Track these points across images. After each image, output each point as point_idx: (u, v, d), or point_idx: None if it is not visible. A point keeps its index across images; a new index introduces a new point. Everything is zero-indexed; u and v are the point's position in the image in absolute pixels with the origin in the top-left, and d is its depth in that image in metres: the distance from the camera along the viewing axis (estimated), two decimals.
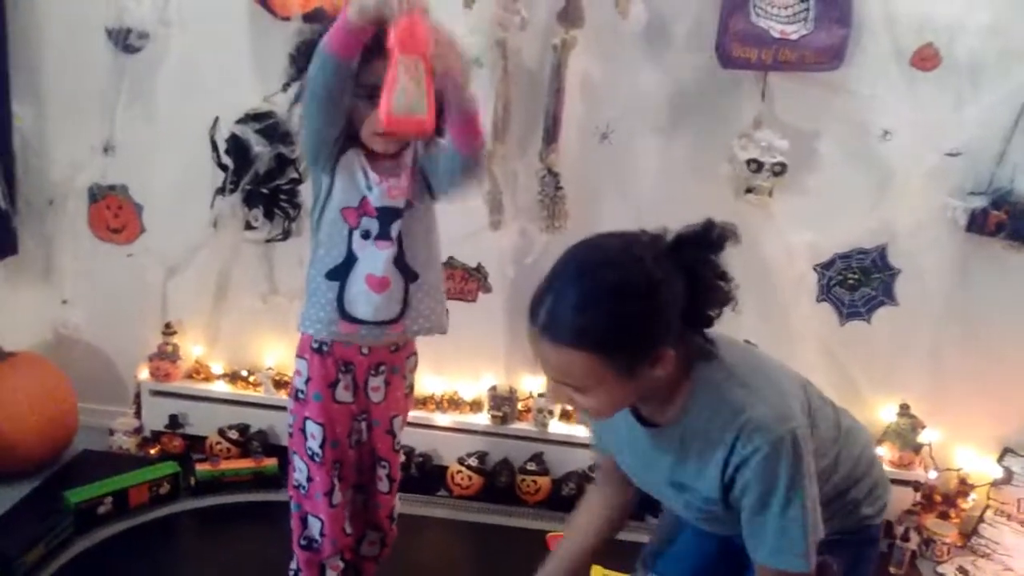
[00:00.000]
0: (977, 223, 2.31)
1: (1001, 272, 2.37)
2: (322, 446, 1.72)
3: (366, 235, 1.61)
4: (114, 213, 2.62)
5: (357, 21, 1.40)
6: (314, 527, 1.76)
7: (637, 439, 1.39)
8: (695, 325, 1.27)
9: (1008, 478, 2.43)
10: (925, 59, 2.27)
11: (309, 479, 1.75)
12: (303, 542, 1.78)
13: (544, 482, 2.49)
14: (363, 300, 1.63)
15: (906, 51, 2.26)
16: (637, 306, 1.16)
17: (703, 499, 1.34)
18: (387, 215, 1.62)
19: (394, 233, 1.62)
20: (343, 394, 1.73)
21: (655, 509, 1.88)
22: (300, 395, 1.74)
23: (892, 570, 2.30)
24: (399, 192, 1.62)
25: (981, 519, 2.44)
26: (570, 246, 1.24)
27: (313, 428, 1.73)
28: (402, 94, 1.33)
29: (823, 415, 1.41)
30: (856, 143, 2.36)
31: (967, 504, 2.49)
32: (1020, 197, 2.27)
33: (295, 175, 2.49)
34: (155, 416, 2.63)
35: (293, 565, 1.82)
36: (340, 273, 1.63)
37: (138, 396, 2.64)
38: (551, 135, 2.34)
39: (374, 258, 1.61)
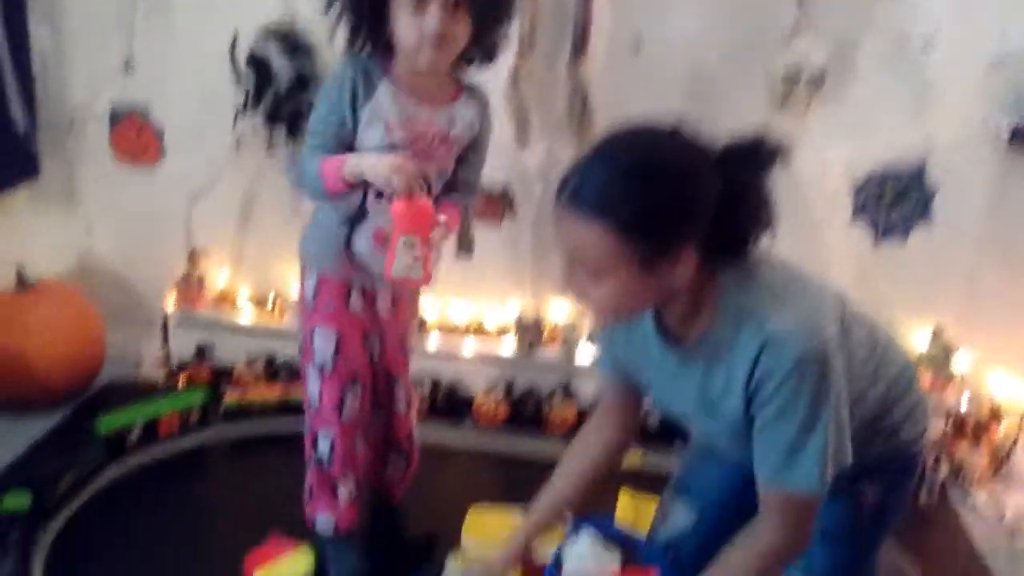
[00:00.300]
0: (1020, 137, 2.22)
1: None
2: (334, 355, 1.68)
3: (379, 194, 1.57)
4: (136, 134, 2.59)
5: (352, 180, 1.49)
6: (324, 444, 1.72)
7: (665, 361, 1.33)
8: (727, 247, 1.21)
9: None
10: None
11: (320, 394, 1.70)
12: (315, 460, 1.74)
13: (571, 412, 2.46)
14: (368, 253, 1.62)
15: None
16: (668, 191, 1.11)
17: (731, 418, 1.28)
18: None
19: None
20: (357, 302, 1.69)
21: (685, 435, 1.86)
22: (309, 304, 1.69)
23: (922, 499, 2.26)
24: None
25: (1013, 446, 2.40)
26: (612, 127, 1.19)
27: (322, 338, 1.67)
28: (400, 263, 1.47)
29: (859, 334, 1.34)
30: (896, 53, 2.25)
31: (999, 432, 2.45)
32: None
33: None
34: (183, 345, 2.63)
35: (306, 484, 1.78)
36: (350, 221, 1.62)
37: (165, 325, 2.63)
38: (580, 48, 2.26)
39: (384, 217, 1.55)
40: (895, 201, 2.39)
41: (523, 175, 2.48)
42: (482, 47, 1.60)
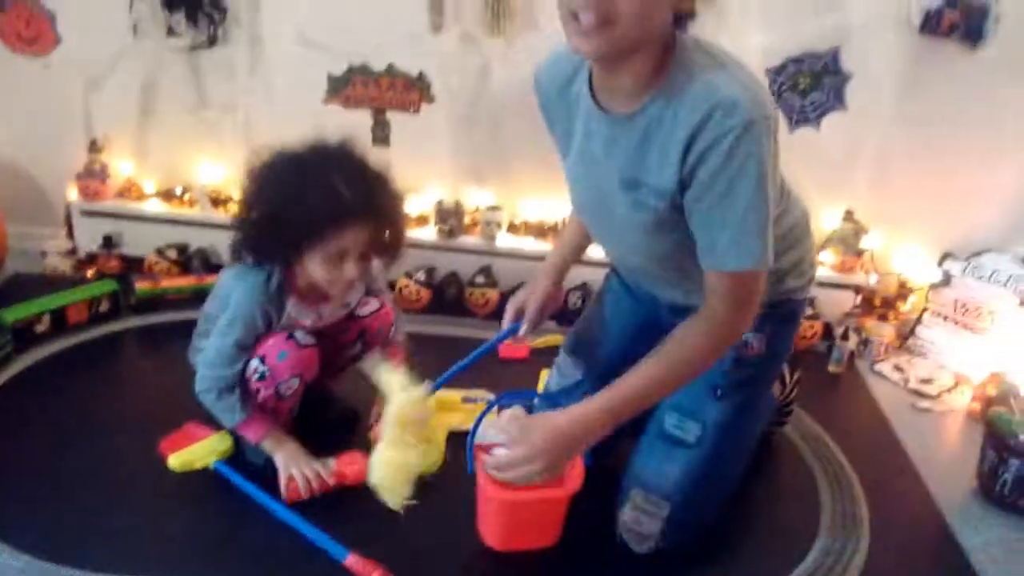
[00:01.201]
0: (931, 24, 2.27)
1: (952, 76, 2.34)
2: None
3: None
4: (25, 22, 2.44)
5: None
6: (257, 368, 1.66)
7: (593, 133, 1.35)
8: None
9: (947, 281, 2.49)
10: None
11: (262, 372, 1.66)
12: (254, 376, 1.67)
13: (492, 294, 2.48)
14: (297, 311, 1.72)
15: None
16: None
17: (656, 194, 1.30)
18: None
19: None
20: (304, 338, 1.68)
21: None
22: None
23: (831, 368, 2.37)
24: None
25: (919, 321, 2.51)
26: None
27: (286, 368, 1.65)
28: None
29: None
30: None
31: (905, 307, 2.56)
32: None
33: None
34: (88, 237, 2.54)
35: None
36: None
37: (68, 216, 2.54)
38: None
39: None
40: (810, 88, 2.42)
41: (439, 61, 2.43)
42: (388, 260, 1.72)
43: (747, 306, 1.32)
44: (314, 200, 1.52)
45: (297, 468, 1.63)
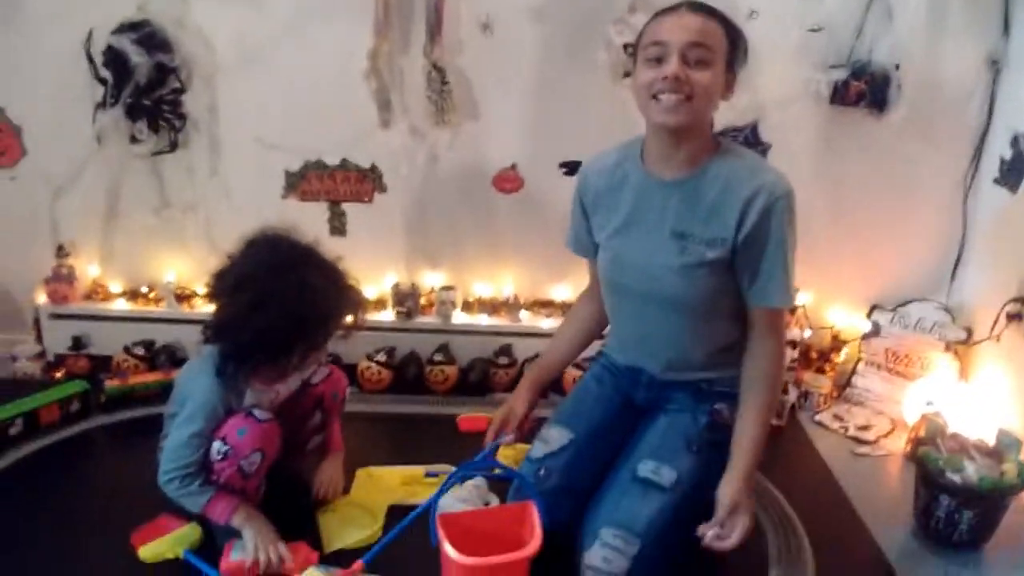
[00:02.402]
0: (839, 94, 2.47)
1: (863, 140, 2.54)
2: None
3: None
4: None
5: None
6: (219, 451, 1.71)
7: (646, 198, 1.70)
8: None
9: (876, 331, 2.65)
10: None
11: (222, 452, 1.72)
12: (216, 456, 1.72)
13: (451, 371, 2.59)
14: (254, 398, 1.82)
15: None
16: (741, 33, 1.65)
17: (706, 242, 1.63)
18: None
19: None
20: (264, 413, 1.76)
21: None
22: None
23: (774, 422, 2.47)
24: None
25: (854, 371, 2.66)
26: None
27: (246, 443, 1.71)
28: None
29: None
30: None
31: (840, 358, 2.71)
32: (877, 67, 2.42)
33: (177, 84, 2.46)
34: (57, 339, 2.62)
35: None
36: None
37: (37, 320, 2.62)
38: (435, 29, 2.37)
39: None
40: None
41: (389, 154, 2.57)
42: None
43: (784, 333, 1.74)
44: (310, 312, 1.66)
45: (264, 549, 1.68)
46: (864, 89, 2.44)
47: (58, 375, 2.57)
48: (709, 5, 1.61)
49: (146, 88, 2.42)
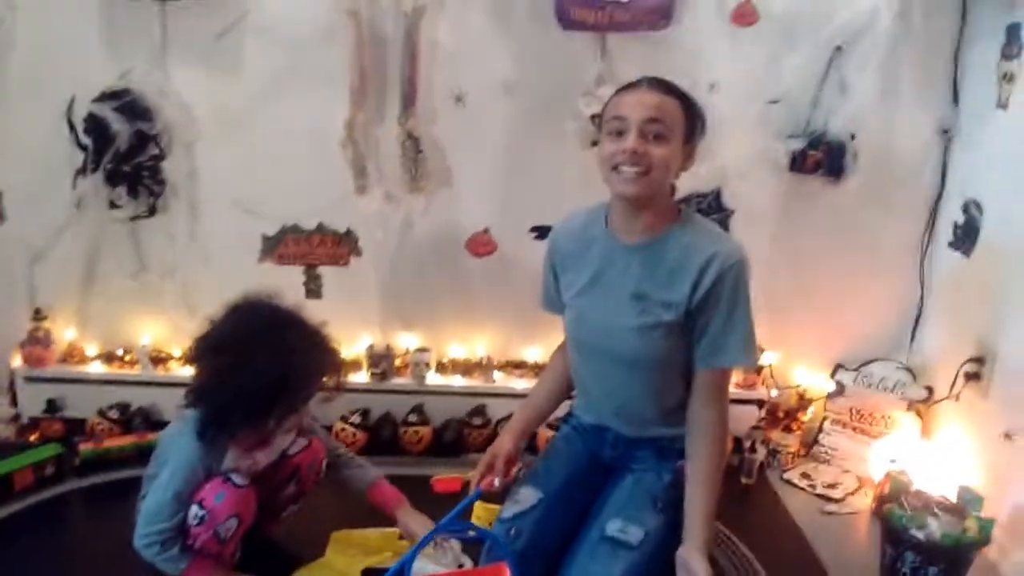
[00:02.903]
0: (797, 163, 2.57)
1: (821, 207, 2.64)
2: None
3: None
4: None
5: None
6: (196, 516, 1.73)
7: (611, 253, 1.77)
8: None
9: (841, 390, 2.72)
10: (744, 15, 2.50)
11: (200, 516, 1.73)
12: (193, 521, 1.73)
13: (425, 431, 2.62)
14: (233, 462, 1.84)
15: (727, 9, 2.49)
16: (699, 108, 1.74)
17: (662, 304, 1.70)
18: None
19: None
20: (241, 479, 1.78)
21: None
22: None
23: (743, 480, 2.53)
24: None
25: (820, 429, 2.72)
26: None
27: (223, 507, 1.73)
28: None
29: None
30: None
31: (806, 416, 2.78)
32: (833, 137, 2.54)
33: (156, 151, 2.51)
34: (32, 402, 2.62)
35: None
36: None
37: (12, 383, 2.62)
38: (409, 100, 2.46)
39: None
40: None
41: (364, 219, 2.64)
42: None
43: (727, 398, 1.78)
44: (288, 372, 1.69)
45: None
46: (821, 158, 2.54)
47: (32, 438, 2.57)
48: (668, 82, 1.69)
49: (126, 154, 2.48)
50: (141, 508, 1.76)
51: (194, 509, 1.71)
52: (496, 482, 1.86)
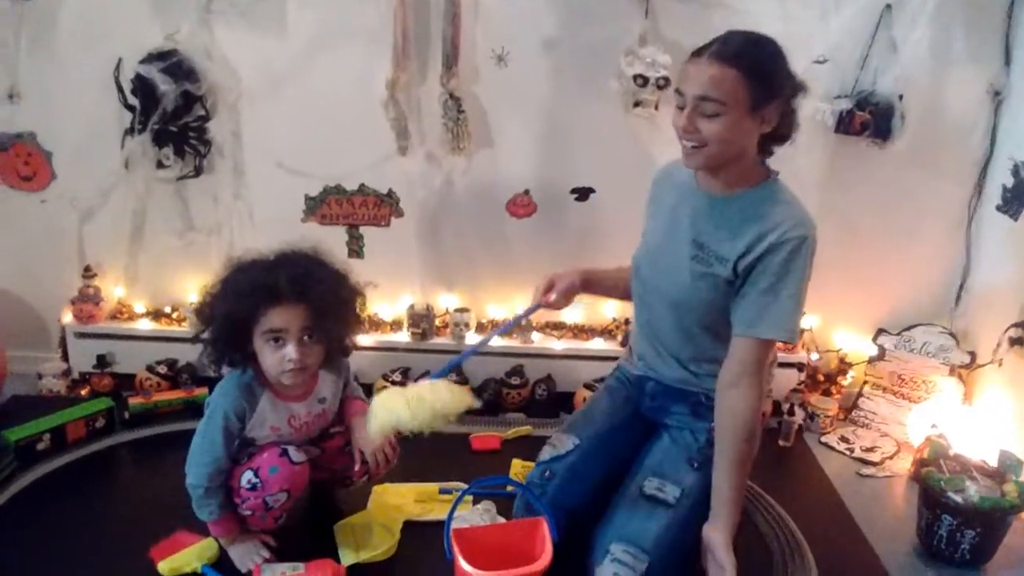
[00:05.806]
0: (844, 124, 2.53)
1: (868, 169, 2.61)
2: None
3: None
4: (24, 161, 2.64)
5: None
6: (246, 479, 1.80)
7: (684, 205, 1.82)
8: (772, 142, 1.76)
9: (882, 355, 2.70)
10: None
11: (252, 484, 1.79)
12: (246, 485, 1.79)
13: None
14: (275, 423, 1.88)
15: None
16: (783, 64, 1.66)
17: (717, 258, 1.72)
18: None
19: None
20: (296, 454, 1.83)
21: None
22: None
23: (781, 443, 2.54)
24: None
25: (860, 393, 2.71)
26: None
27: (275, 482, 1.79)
28: None
29: None
30: None
31: (846, 381, 2.76)
32: (881, 98, 2.49)
33: (202, 112, 2.54)
34: (82, 358, 2.70)
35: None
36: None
37: (63, 339, 2.70)
38: (451, 60, 2.45)
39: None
40: None
41: (406, 180, 2.66)
42: (337, 350, 1.89)
43: (762, 376, 1.72)
44: (248, 285, 1.71)
45: (244, 564, 1.82)
46: (868, 119, 2.50)
47: (83, 392, 2.65)
48: (738, 46, 1.61)
49: (173, 115, 2.51)
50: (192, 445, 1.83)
51: (248, 475, 1.77)
52: (552, 297, 1.93)
